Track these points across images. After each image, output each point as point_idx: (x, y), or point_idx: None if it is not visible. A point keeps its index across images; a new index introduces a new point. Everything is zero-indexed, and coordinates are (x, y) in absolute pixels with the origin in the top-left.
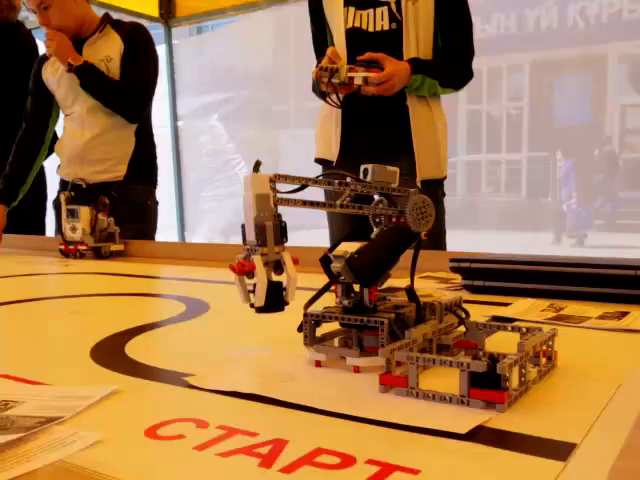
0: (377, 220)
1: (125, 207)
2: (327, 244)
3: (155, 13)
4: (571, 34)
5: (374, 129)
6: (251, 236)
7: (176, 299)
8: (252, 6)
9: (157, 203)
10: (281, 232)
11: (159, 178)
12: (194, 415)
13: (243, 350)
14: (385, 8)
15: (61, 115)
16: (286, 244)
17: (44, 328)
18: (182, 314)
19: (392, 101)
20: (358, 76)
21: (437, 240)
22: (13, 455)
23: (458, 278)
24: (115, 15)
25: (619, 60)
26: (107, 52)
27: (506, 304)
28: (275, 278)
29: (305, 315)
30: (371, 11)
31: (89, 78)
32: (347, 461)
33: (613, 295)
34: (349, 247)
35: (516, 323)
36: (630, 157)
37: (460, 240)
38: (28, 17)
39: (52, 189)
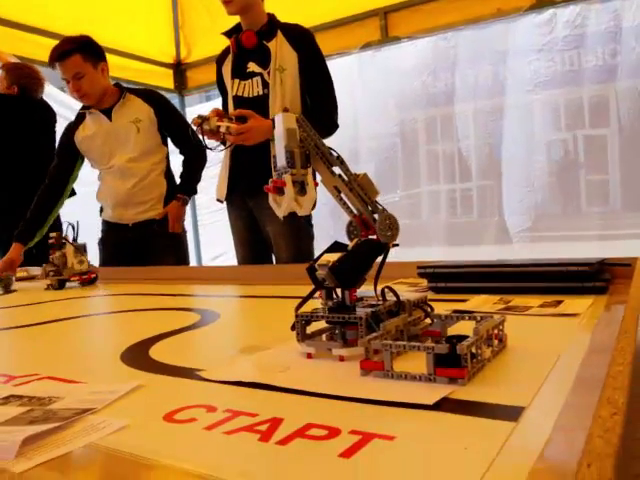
0: (351, 232)
1: (166, 239)
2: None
3: (171, 86)
4: (502, 87)
5: (250, 173)
6: (282, 162)
7: (193, 311)
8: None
9: (186, 232)
10: (305, 158)
11: None
12: (205, 402)
13: (243, 350)
14: (259, 78)
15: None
16: None
17: (83, 339)
18: (197, 322)
19: (263, 151)
20: (223, 125)
21: (307, 258)
22: (53, 440)
23: (424, 282)
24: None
25: (542, 107)
26: (136, 115)
27: (464, 300)
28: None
29: (297, 316)
30: (249, 81)
31: (195, 187)
32: (333, 432)
33: (549, 288)
34: (331, 257)
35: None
36: None
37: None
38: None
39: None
